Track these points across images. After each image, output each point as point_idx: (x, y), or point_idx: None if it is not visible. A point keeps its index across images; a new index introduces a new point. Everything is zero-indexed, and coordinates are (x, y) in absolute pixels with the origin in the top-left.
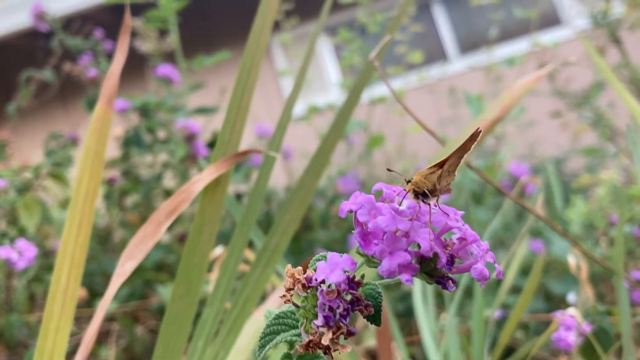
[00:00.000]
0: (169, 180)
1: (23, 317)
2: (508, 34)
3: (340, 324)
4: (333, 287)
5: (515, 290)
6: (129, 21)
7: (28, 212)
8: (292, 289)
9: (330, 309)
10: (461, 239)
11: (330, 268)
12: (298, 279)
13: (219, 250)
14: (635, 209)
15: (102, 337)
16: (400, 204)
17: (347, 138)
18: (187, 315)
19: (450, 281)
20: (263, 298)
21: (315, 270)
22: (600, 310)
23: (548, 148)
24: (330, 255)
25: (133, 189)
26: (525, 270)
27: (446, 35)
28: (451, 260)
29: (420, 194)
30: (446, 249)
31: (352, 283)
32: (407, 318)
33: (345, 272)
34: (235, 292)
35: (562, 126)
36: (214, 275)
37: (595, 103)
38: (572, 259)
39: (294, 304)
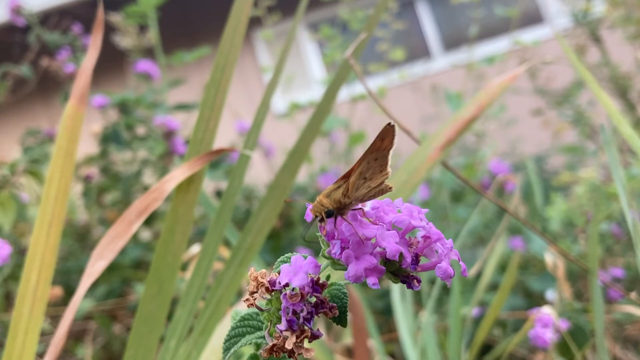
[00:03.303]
0: (148, 177)
1: None
2: (490, 32)
3: (305, 327)
4: (297, 290)
5: (494, 287)
6: (102, 17)
7: (3, 209)
8: (256, 292)
9: (294, 312)
10: (425, 237)
11: (293, 271)
12: (261, 282)
13: (196, 249)
14: (613, 207)
15: (80, 336)
16: (364, 206)
17: (329, 136)
18: (159, 316)
19: (415, 280)
20: (240, 295)
21: (279, 273)
22: (576, 307)
23: (529, 146)
24: (294, 258)
25: (112, 186)
26: (504, 268)
27: (430, 32)
28: (416, 260)
29: (325, 217)
30: (411, 248)
31: (317, 285)
32: (386, 315)
33: (309, 275)
34: (208, 291)
35: (543, 124)
36: (189, 274)
37: (576, 101)
38: (549, 257)
39: (258, 308)
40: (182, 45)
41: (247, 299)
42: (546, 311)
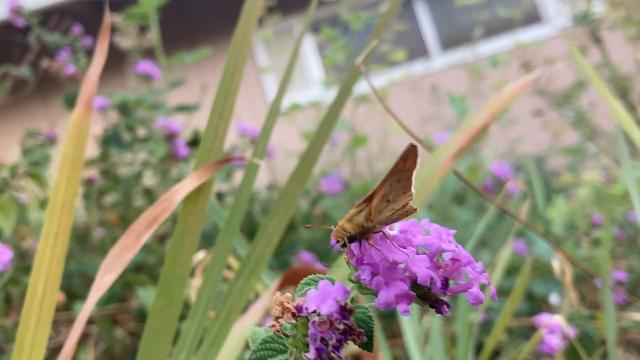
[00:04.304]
0: (148, 179)
1: None
2: (489, 31)
3: (333, 355)
4: (325, 317)
5: (500, 292)
6: (109, 22)
7: (4, 213)
8: (281, 317)
9: (322, 340)
10: (454, 260)
11: (321, 297)
12: (287, 307)
13: (200, 255)
14: (616, 210)
15: (81, 340)
16: (392, 229)
17: (330, 137)
18: (168, 328)
19: (444, 305)
20: (249, 303)
21: (304, 297)
22: (584, 314)
23: (528, 146)
24: (322, 283)
25: (112, 187)
26: (508, 271)
27: (428, 32)
28: (445, 284)
29: (348, 242)
30: (438, 270)
31: (344, 311)
32: (389, 319)
33: (337, 301)
34: (217, 303)
35: (543, 125)
36: (195, 281)
37: (577, 102)
38: (557, 263)
39: (284, 334)
40: (180, 46)
41: (272, 325)
42: (554, 317)
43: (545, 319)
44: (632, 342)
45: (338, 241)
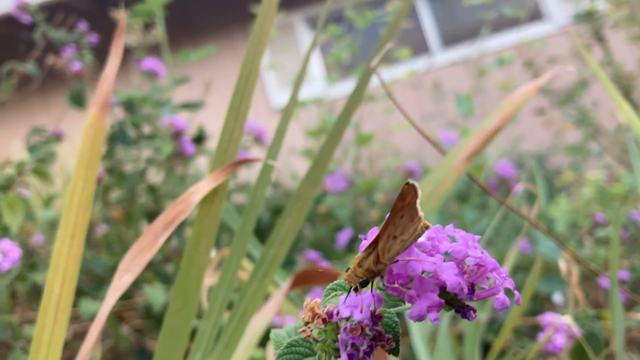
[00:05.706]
0: (153, 176)
1: (5, 317)
2: (491, 28)
3: None
4: (356, 323)
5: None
6: (124, 23)
7: (11, 211)
8: (311, 322)
9: (353, 346)
10: (479, 265)
11: (354, 304)
12: (317, 313)
13: (212, 254)
14: (620, 209)
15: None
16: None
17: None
18: (184, 329)
19: (471, 311)
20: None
21: (331, 302)
22: (590, 314)
23: (529, 144)
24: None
25: (117, 184)
26: (513, 270)
27: (429, 28)
28: (472, 289)
29: (359, 287)
30: (464, 275)
31: (374, 317)
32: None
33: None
34: (232, 304)
35: (545, 123)
36: (206, 281)
37: (580, 101)
38: (563, 264)
39: (314, 339)
40: (182, 41)
41: (303, 330)
42: (561, 317)
43: (550, 318)
44: (633, 340)
45: (350, 286)
